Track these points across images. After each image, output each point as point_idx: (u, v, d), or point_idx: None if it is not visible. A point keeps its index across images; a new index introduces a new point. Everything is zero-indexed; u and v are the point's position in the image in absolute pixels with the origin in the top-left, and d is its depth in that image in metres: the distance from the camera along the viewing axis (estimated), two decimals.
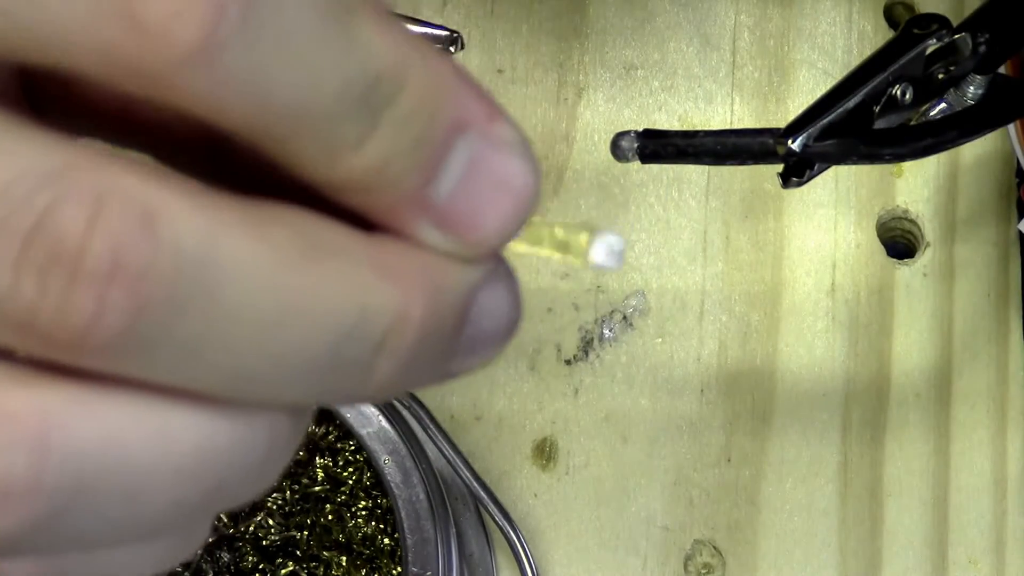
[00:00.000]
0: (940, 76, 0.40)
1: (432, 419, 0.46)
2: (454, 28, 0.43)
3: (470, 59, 0.54)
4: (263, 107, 0.17)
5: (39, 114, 0.21)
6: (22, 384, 0.17)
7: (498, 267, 0.20)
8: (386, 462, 0.44)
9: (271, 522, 0.45)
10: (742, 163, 0.37)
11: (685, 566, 0.49)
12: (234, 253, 0.17)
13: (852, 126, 0.37)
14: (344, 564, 0.45)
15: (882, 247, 0.53)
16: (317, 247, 0.18)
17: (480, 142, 0.19)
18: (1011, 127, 0.49)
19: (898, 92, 0.38)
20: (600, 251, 0.20)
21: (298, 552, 0.45)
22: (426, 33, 0.43)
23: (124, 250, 0.16)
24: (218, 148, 0.21)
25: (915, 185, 0.53)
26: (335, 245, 0.18)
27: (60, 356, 0.17)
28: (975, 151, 0.53)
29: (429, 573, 0.43)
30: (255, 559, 0.45)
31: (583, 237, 0.20)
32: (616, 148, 0.38)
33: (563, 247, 0.21)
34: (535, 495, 0.50)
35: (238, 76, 0.17)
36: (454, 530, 0.45)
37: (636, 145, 0.37)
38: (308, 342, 0.18)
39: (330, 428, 0.46)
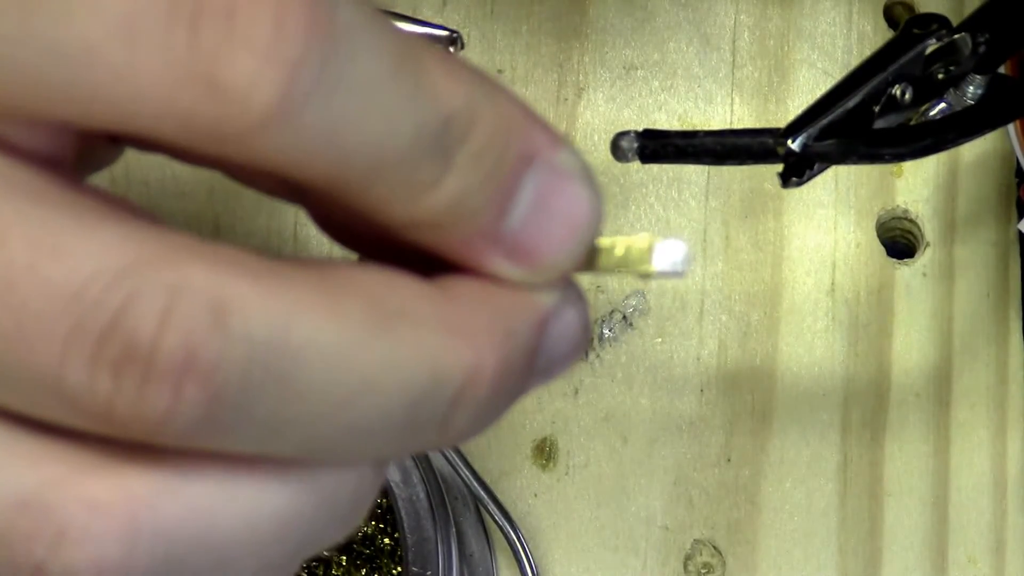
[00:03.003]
0: (940, 76, 0.40)
1: None
2: (454, 28, 0.43)
3: (470, 59, 0.54)
4: (341, 159, 0.18)
5: (115, 141, 0.21)
6: (107, 470, 0.18)
7: (566, 289, 0.21)
8: None
9: None
10: (742, 163, 0.37)
11: (685, 566, 0.49)
12: (307, 336, 0.17)
13: (852, 126, 0.37)
14: (344, 564, 0.45)
15: (882, 247, 0.53)
16: (388, 315, 0.18)
17: (547, 172, 0.19)
18: (1011, 127, 0.49)
19: (898, 92, 0.38)
20: (663, 259, 0.20)
21: None
22: (426, 33, 0.42)
23: (196, 345, 0.17)
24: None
25: (915, 185, 0.53)
26: (404, 308, 0.19)
27: (140, 440, 0.18)
28: (975, 151, 0.53)
29: (429, 573, 0.43)
30: None
31: (644, 247, 0.20)
32: (616, 148, 0.38)
33: (624, 262, 0.21)
34: (535, 495, 0.50)
35: (316, 132, 0.17)
36: (454, 530, 0.45)
37: (636, 145, 0.37)
38: (383, 409, 0.18)
39: None
